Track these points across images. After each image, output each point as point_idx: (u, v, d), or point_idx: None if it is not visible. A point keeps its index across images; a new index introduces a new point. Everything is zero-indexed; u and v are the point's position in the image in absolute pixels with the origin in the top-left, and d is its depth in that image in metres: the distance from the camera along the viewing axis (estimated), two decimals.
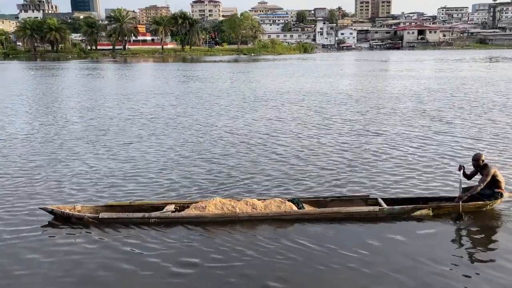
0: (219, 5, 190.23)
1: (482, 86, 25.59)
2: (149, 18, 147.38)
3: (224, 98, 21.61)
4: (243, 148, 11.20)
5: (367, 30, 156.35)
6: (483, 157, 6.89)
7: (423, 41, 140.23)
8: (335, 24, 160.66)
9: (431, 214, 6.66)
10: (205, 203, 6.75)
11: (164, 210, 6.71)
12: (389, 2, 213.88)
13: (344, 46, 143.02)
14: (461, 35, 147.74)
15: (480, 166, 6.89)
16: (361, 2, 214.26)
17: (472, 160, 6.99)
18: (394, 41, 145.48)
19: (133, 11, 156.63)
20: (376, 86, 26.83)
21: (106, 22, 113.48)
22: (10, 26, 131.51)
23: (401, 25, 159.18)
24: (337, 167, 9.36)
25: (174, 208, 6.81)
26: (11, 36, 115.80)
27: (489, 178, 6.73)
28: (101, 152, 10.86)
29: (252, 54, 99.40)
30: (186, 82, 31.98)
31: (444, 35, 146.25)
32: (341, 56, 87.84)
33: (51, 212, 6.60)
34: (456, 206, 6.70)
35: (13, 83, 32.69)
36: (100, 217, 6.50)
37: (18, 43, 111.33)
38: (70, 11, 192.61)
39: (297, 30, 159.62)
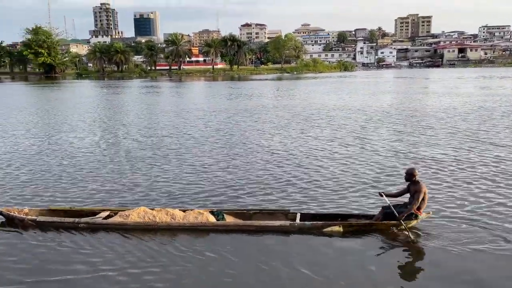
0: (265, 28, 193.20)
1: None
2: (202, 41, 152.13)
3: (263, 114, 22.50)
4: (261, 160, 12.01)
5: (407, 48, 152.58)
6: (416, 172, 6.57)
7: (463, 59, 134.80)
8: (375, 44, 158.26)
9: (341, 230, 6.50)
10: (130, 211, 6.88)
11: (97, 216, 6.89)
12: (429, 21, 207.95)
13: (383, 64, 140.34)
14: (503, 53, 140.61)
15: (412, 181, 6.57)
16: (401, 22, 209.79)
17: (405, 174, 6.64)
18: (434, 59, 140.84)
19: (188, 35, 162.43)
20: (430, 104, 26.70)
21: (164, 45, 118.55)
22: (83, 50, 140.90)
23: (441, 43, 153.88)
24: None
25: (109, 214, 6.99)
26: (83, 58, 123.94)
27: (421, 196, 6.44)
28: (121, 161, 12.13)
29: (295, 73, 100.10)
30: (233, 98, 33.30)
31: (486, 53, 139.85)
32: (382, 74, 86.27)
33: (0, 213, 7.04)
34: (367, 223, 6.58)
35: (85, 98, 35.55)
36: (37, 220, 6.81)
37: (89, 64, 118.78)
38: (134, 35, 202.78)
39: (338, 50, 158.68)
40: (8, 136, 16.11)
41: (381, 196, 6.74)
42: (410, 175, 6.57)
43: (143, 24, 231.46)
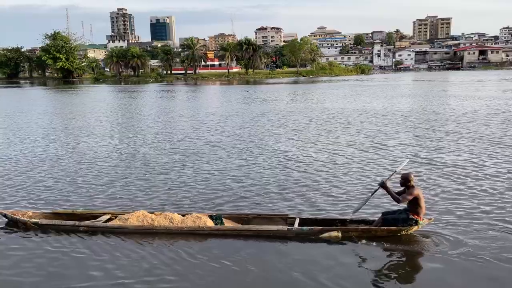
0: (281, 31, 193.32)
1: None
2: (217, 45, 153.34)
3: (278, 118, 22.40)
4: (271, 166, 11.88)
5: (426, 51, 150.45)
6: (411, 177, 6.45)
7: (484, 61, 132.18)
8: (392, 46, 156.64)
9: (339, 236, 6.44)
10: (129, 215, 6.99)
11: (97, 220, 7.02)
12: (449, 23, 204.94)
13: (401, 67, 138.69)
14: None
15: (407, 186, 6.48)
16: (419, 24, 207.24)
17: (401, 178, 6.54)
18: (454, 62, 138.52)
19: (204, 39, 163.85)
20: (451, 108, 26.19)
21: (180, 49, 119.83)
22: (100, 55, 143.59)
23: (461, 45, 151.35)
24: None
25: (110, 218, 7.11)
26: (100, 63, 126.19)
27: (410, 197, 6.35)
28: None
29: (311, 76, 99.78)
30: (248, 102, 33.26)
31: (507, 55, 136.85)
32: (400, 77, 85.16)
33: (5, 216, 7.22)
34: (365, 229, 6.51)
35: (102, 102, 36.02)
36: (39, 222, 6.99)
37: (106, 69, 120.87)
38: (150, 40, 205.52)
39: (354, 53, 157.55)
40: (26, 140, 16.32)
41: (381, 186, 6.57)
42: (405, 180, 6.46)
43: (159, 28, 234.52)
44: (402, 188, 6.60)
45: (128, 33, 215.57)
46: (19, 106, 33.75)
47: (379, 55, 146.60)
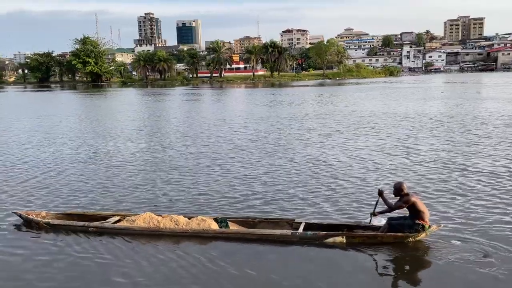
0: (307, 33, 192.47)
1: None
2: (243, 48, 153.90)
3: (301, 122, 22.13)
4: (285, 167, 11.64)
5: (457, 52, 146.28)
6: (403, 186, 6.41)
7: None
8: (422, 47, 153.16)
9: (344, 241, 6.37)
10: (136, 216, 7.20)
11: (106, 221, 7.25)
12: (482, 23, 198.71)
13: (431, 69, 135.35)
14: None
15: (401, 195, 6.43)
16: (451, 25, 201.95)
17: (394, 189, 6.51)
18: (487, 63, 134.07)
19: (229, 42, 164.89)
20: (485, 111, 25.33)
21: (206, 52, 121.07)
22: (127, 59, 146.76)
23: (495, 46, 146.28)
24: None
25: (119, 219, 7.32)
26: (128, 66, 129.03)
27: (404, 205, 6.31)
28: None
29: (337, 78, 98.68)
30: (273, 105, 33.12)
31: None
32: (431, 79, 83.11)
33: (20, 216, 7.56)
34: (370, 235, 6.42)
35: (129, 105, 36.73)
36: (51, 223, 7.28)
37: (133, 73, 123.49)
38: (176, 44, 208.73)
39: (382, 54, 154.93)
40: (56, 143, 16.73)
41: (379, 195, 6.62)
42: (398, 190, 6.45)
43: (185, 32, 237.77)
44: (397, 199, 6.56)
45: (155, 37, 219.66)
46: (50, 110, 34.81)
47: (408, 57, 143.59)
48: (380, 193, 6.61)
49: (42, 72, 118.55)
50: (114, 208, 8.45)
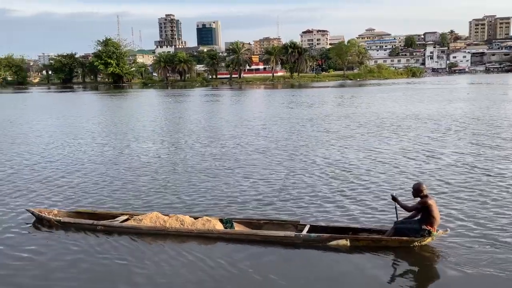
0: (327, 34, 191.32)
1: None
2: (262, 49, 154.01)
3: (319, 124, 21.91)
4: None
5: (483, 52, 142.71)
6: (423, 187, 6.25)
7: None
8: (446, 48, 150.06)
9: (348, 244, 6.30)
10: (143, 216, 7.33)
11: (114, 220, 7.41)
12: (508, 23, 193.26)
13: (456, 70, 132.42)
14: None
15: (420, 197, 6.27)
16: (476, 25, 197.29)
17: (412, 189, 6.38)
18: None
19: (249, 43, 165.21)
20: None
21: (225, 54, 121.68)
22: (148, 60, 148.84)
23: None
24: None
25: (127, 218, 7.45)
26: (149, 68, 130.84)
27: (420, 206, 6.20)
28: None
29: (358, 79, 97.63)
30: (293, 106, 32.93)
31: None
32: (455, 80, 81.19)
33: (32, 213, 7.81)
34: (375, 239, 6.32)
35: (150, 106, 37.16)
36: (61, 220, 7.50)
37: (154, 74, 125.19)
38: (196, 45, 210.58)
39: (405, 55, 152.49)
40: (78, 143, 17.02)
41: (394, 200, 6.48)
42: (417, 191, 6.30)
43: (205, 33, 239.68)
44: (413, 200, 6.43)
45: (175, 38, 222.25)
46: (74, 110, 35.54)
47: (431, 57, 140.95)
48: (394, 198, 6.49)
49: (65, 73, 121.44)
50: (127, 207, 8.57)
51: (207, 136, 18.30)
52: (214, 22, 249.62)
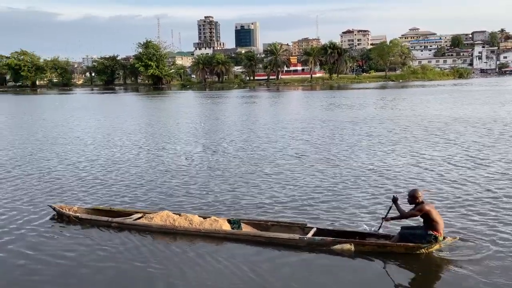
0: (368, 34, 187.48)
1: None
2: (301, 50, 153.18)
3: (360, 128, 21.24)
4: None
5: None
6: (418, 194, 6.15)
7: None
8: (496, 47, 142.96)
9: (352, 249, 6.26)
10: (154, 214, 7.65)
11: (128, 217, 7.78)
12: None
13: (506, 71, 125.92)
14: None
15: (416, 204, 6.19)
16: None
17: (408, 196, 6.27)
18: None
19: (287, 44, 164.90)
20: None
21: (263, 55, 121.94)
22: (187, 62, 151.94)
23: None
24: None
25: (141, 216, 7.77)
26: (187, 69, 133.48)
27: (417, 214, 6.11)
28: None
29: (400, 81, 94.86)
30: (332, 108, 32.29)
31: None
32: (507, 81, 77.07)
33: (54, 209, 8.27)
34: (380, 244, 6.27)
35: (188, 107, 37.69)
36: (80, 217, 7.92)
37: (192, 76, 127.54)
38: (234, 46, 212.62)
39: (451, 55, 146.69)
40: (111, 144, 17.37)
41: (394, 201, 6.43)
42: (412, 197, 6.23)
43: (243, 35, 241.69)
44: (412, 207, 6.36)
45: (213, 40, 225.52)
46: (117, 111, 36.68)
47: (480, 58, 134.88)
48: (395, 200, 6.43)
49: (107, 75, 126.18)
50: (154, 207, 8.81)
51: (242, 139, 18.15)
52: (252, 23, 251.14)
